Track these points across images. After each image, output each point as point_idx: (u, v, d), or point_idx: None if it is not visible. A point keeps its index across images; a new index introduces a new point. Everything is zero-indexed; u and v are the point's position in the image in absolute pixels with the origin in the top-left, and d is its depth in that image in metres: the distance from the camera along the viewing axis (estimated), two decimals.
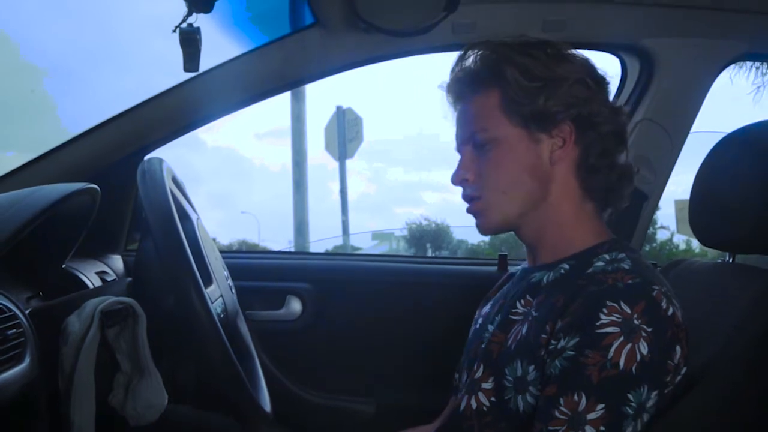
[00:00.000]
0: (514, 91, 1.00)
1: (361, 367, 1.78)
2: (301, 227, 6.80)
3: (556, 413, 0.87)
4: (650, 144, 1.73)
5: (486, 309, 1.16)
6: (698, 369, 1.09)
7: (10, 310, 0.92)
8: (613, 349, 0.85)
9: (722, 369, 1.06)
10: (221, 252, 1.41)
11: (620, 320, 0.87)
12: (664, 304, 0.89)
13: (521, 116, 1.00)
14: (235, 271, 1.43)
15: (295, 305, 1.80)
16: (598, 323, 0.87)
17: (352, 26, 1.55)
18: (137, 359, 1.09)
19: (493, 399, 0.97)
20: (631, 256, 0.98)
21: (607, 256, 0.98)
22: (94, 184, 1.22)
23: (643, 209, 1.75)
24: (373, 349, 1.76)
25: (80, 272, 1.42)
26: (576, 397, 0.86)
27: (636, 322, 0.87)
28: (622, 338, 0.86)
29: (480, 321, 1.15)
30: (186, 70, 1.37)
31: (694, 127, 1.76)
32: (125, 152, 1.65)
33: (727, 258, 1.28)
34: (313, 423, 1.43)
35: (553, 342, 0.91)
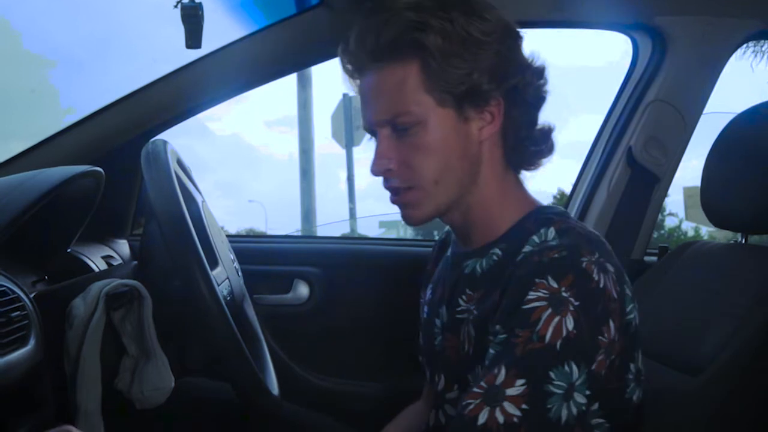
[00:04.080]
0: (437, 63, 0.88)
1: (369, 350, 1.77)
2: (308, 215, 6.80)
3: (474, 389, 0.80)
4: (662, 125, 1.70)
5: (428, 295, 1.10)
6: (709, 350, 1.08)
7: (14, 292, 0.91)
8: (541, 323, 0.80)
9: (733, 349, 1.05)
10: (229, 237, 1.40)
11: (547, 295, 0.81)
12: (595, 275, 0.83)
13: (450, 95, 0.90)
14: (242, 256, 1.42)
15: (303, 289, 1.79)
16: (525, 299, 0.82)
17: (359, 6, 1.52)
18: (143, 342, 1.09)
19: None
20: (559, 226, 0.91)
21: (536, 239, 0.90)
22: (99, 168, 1.21)
23: (655, 192, 1.73)
24: (381, 333, 1.75)
25: (86, 256, 1.41)
26: (496, 370, 0.80)
27: (564, 294, 0.81)
28: (550, 310, 0.80)
29: (426, 310, 1.09)
30: (188, 46, 1.35)
31: (706, 108, 1.74)
32: (130, 136, 1.64)
33: (740, 239, 1.27)
34: (319, 406, 1.43)
35: (491, 337, 0.85)
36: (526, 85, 0.94)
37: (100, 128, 1.63)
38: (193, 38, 1.33)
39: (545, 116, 0.99)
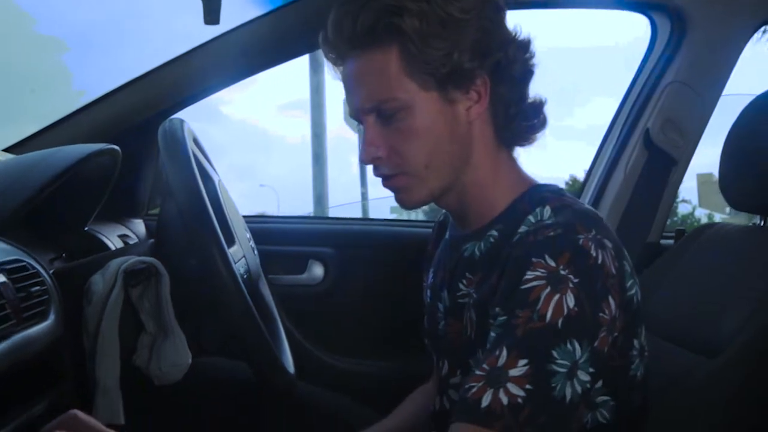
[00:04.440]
0: (416, 46, 0.87)
1: (383, 331, 1.78)
2: (320, 199, 6.80)
3: (476, 372, 0.79)
4: (680, 107, 1.69)
5: (430, 278, 1.09)
6: (726, 333, 1.07)
7: (33, 267, 0.92)
8: (541, 302, 0.78)
9: (750, 333, 1.04)
10: (244, 218, 1.41)
11: (545, 274, 0.80)
12: (593, 251, 0.81)
13: (432, 78, 0.88)
14: (257, 236, 1.42)
15: (317, 270, 1.79)
16: (523, 280, 0.80)
17: None
18: (161, 319, 1.10)
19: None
20: (555, 205, 0.89)
21: (531, 218, 0.89)
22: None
23: (672, 174, 1.71)
24: (395, 314, 1.75)
25: (103, 235, 1.42)
26: (497, 352, 0.78)
27: (563, 272, 0.79)
28: (549, 289, 0.79)
29: (429, 294, 1.08)
30: (206, 22, 1.34)
31: (725, 90, 1.72)
32: (145, 115, 1.63)
33: (759, 221, 1.26)
34: (333, 386, 1.43)
35: (492, 320, 0.84)
36: (511, 61, 0.91)
37: (114, 108, 1.63)
38: (212, 14, 1.32)
39: (565, 99, 0.97)
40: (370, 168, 0.96)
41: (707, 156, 1.89)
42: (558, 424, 0.77)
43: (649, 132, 1.70)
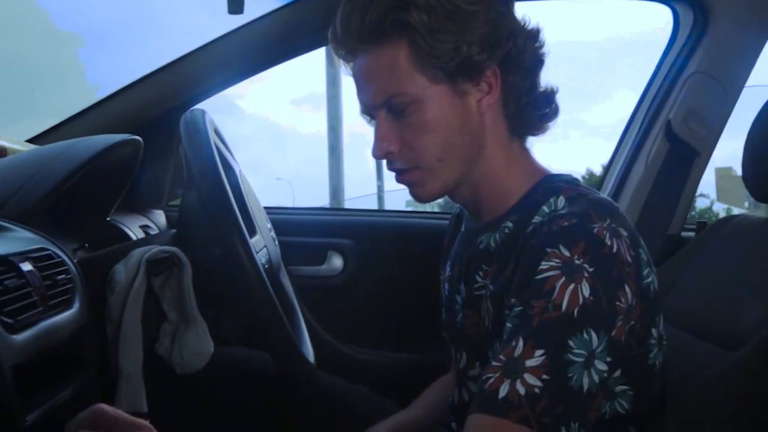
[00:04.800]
0: (425, 40, 0.87)
1: (402, 323, 1.78)
2: (336, 193, 6.80)
3: (493, 363, 0.79)
4: (702, 98, 1.67)
5: (447, 272, 1.09)
6: (748, 326, 1.06)
7: (59, 256, 0.93)
8: (556, 291, 0.78)
9: None
10: (264, 208, 1.41)
11: (560, 264, 0.79)
12: (608, 240, 0.81)
13: (442, 71, 0.89)
14: (277, 227, 1.43)
15: (337, 261, 1.80)
16: (538, 270, 0.80)
17: None
18: (183, 308, 1.10)
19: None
20: (568, 194, 0.89)
21: (545, 208, 0.89)
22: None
23: (694, 165, 1.70)
24: (415, 306, 1.76)
25: (124, 225, 1.43)
26: (513, 343, 0.78)
27: (577, 262, 0.79)
28: (563, 279, 0.78)
29: (447, 287, 1.08)
30: (230, 12, 1.35)
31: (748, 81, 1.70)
32: (166, 107, 1.65)
33: None
34: (352, 377, 1.44)
35: (508, 312, 0.84)
36: (520, 51, 0.92)
37: (133, 101, 1.64)
38: (236, 3, 1.32)
39: (584, 92, 0.97)
40: (385, 162, 0.96)
41: (726, 149, 1.87)
42: (575, 413, 0.77)
43: (671, 123, 1.68)
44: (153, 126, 1.65)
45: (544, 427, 0.75)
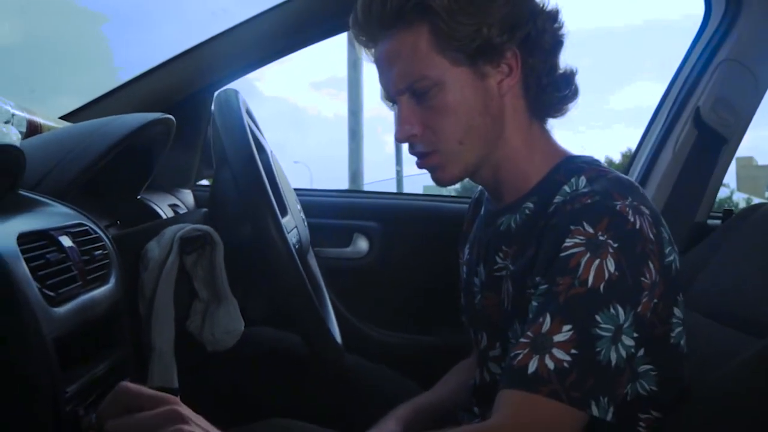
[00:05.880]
0: (445, 23, 0.88)
1: (427, 305, 1.78)
2: (356, 176, 6.79)
3: (522, 339, 0.80)
4: (732, 85, 1.66)
5: (466, 255, 1.10)
6: None
7: (96, 232, 0.94)
8: (581, 267, 0.79)
9: None
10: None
11: (584, 240, 0.80)
12: (630, 217, 0.82)
13: (463, 54, 0.90)
14: (304, 208, 1.43)
15: (362, 244, 1.81)
16: (563, 247, 0.81)
17: None
18: (214, 286, 1.11)
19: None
20: (590, 175, 0.90)
21: (567, 188, 0.90)
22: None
23: (722, 153, 1.69)
24: (440, 288, 1.76)
25: (154, 203, 1.44)
26: (541, 319, 0.79)
27: (601, 238, 0.80)
28: (588, 254, 0.79)
29: (466, 270, 1.09)
30: None
31: None
32: (195, 87, 1.66)
33: None
34: (377, 358, 1.45)
35: (533, 290, 0.85)
36: (540, 32, 0.92)
37: (167, 79, 1.65)
38: None
39: (605, 80, 0.97)
40: (405, 146, 0.97)
41: (747, 139, 1.85)
42: (604, 387, 0.78)
43: (700, 110, 1.67)
44: (181, 107, 1.66)
45: (575, 401, 0.76)
